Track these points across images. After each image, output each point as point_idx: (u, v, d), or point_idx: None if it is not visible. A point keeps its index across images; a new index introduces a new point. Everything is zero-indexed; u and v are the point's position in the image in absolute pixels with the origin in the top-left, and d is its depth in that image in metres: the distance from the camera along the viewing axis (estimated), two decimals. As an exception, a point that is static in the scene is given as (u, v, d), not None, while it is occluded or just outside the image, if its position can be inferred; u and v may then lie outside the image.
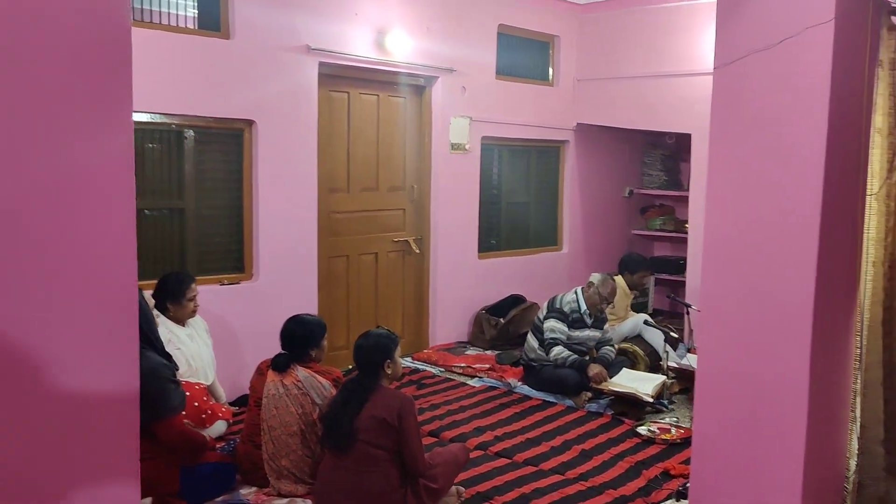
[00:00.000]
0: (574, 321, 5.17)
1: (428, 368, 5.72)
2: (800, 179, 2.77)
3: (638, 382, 4.96)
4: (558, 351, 5.06)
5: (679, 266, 7.68)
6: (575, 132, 7.30)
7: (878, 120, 3.15)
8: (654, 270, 7.57)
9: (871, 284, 3.16)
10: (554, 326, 5.11)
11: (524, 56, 6.94)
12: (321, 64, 5.24)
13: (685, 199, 7.81)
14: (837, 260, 2.92)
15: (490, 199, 6.83)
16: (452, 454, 3.49)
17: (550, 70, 7.15)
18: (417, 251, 6.14)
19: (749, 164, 2.92)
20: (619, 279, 6.12)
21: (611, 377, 5.07)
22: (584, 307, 5.18)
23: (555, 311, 5.16)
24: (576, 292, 5.24)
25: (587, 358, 5.16)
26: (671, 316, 7.53)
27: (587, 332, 5.23)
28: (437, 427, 4.46)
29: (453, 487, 3.47)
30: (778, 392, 2.89)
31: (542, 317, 5.21)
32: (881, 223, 3.36)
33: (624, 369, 5.23)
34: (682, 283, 7.16)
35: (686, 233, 7.61)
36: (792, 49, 2.79)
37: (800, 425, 2.86)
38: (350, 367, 5.33)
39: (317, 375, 3.58)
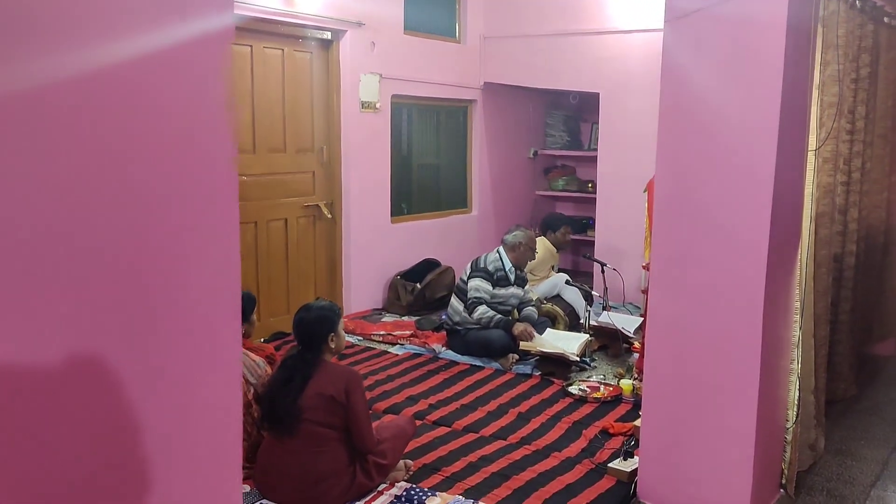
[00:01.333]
0: (498, 279, 5.13)
1: (346, 338, 5.51)
2: (754, 135, 2.77)
3: (563, 342, 4.98)
4: (482, 311, 5.01)
5: (584, 225, 7.80)
6: (482, 91, 7.20)
7: (816, 76, 3.19)
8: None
9: (810, 240, 3.24)
10: (479, 286, 5.04)
11: (432, 11, 6.74)
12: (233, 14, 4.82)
13: (587, 160, 7.92)
14: (786, 216, 2.95)
15: (401, 160, 6.68)
16: (400, 427, 3.36)
17: (457, 26, 6.98)
18: (329, 216, 5.91)
19: (701, 119, 2.89)
20: (542, 240, 6.12)
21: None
22: (508, 265, 5.14)
23: (479, 271, 5.09)
24: (498, 251, 5.19)
25: (510, 318, 5.12)
26: (575, 274, 7.64)
27: (511, 290, 5.20)
28: (368, 399, 4.28)
29: (401, 461, 3.34)
30: (732, 346, 2.92)
31: (465, 278, 5.12)
32: (820, 181, 3.45)
33: (548, 329, 5.24)
34: (590, 243, 7.26)
35: (589, 192, 7.74)
36: (747, 2, 2.76)
37: (753, 377, 2.91)
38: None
39: (249, 353, 3.33)
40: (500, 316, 5.07)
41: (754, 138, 2.76)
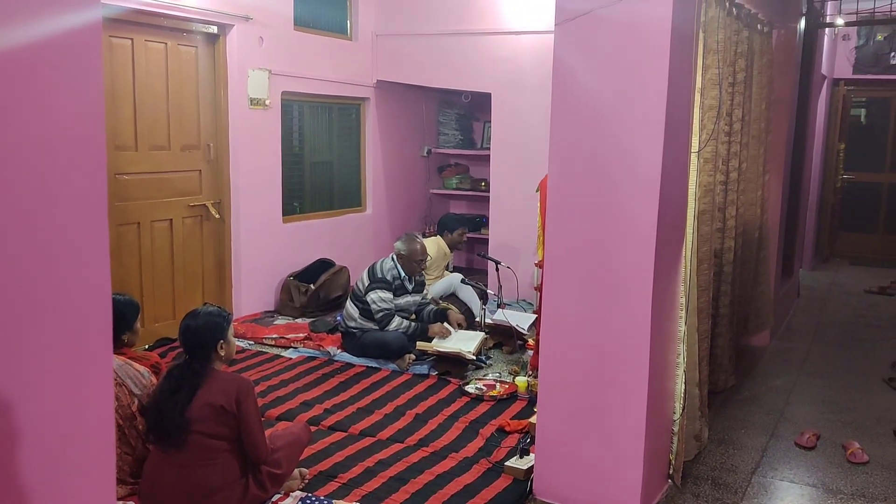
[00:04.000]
0: (397, 288, 5.08)
1: (237, 342, 5.33)
2: (643, 136, 2.84)
3: (460, 342, 4.99)
4: (398, 323, 4.97)
5: (477, 224, 7.86)
6: (375, 89, 7.14)
7: (697, 80, 3.32)
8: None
9: (692, 237, 3.36)
10: (383, 297, 4.97)
11: (322, 7, 6.62)
12: (101, 5, 4.54)
13: (479, 158, 7.99)
14: (672, 214, 3.05)
15: (292, 158, 6.54)
16: (294, 435, 3.27)
17: (349, 23, 6.88)
18: (217, 216, 5.71)
19: (591, 120, 2.94)
20: (437, 240, 6.11)
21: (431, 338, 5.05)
22: (402, 273, 5.09)
23: (378, 281, 5.02)
24: (392, 258, 5.14)
25: (420, 323, 5.12)
26: (470, 272, 7.70)
27: (408, 298, 5.17)
28: (260, 405, 4.15)
29: (296, 470, 3.24)
30: (623, 342, 2.99)
31: (362, 287, 5.05)
32: (701, 180, 3.58)
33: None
34: (484, 241, 7.33)
35: (482, 191, 7.82)
36: (635, 5, 2.82)
37: (643, 372, 2.99)
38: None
39: (132, 363, 3.15)
40: (416, 323, 5.06)
41: (643, 138, 2.83)
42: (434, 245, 5.95)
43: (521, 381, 4.50)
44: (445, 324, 5.16)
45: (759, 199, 5.03)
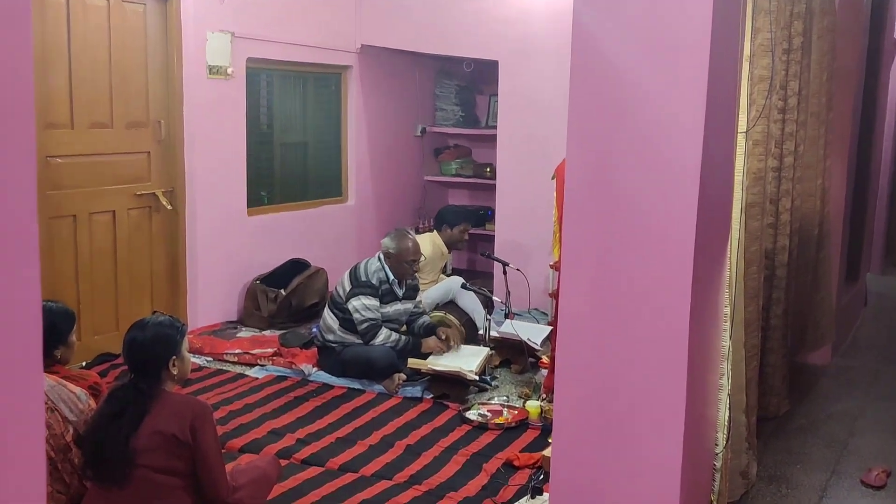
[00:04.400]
0: (384, 294, 5.08)
1: (192, 359, 5.34)
2: (679, 113, 2.84)
3: (459, 358, 5.00)
4: (385, 337, 4.98)
5: (482, 217, 7.87)
6: (359, 56, 7.15)
7: (746, 46, 3.32)
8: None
9: (740, 234, 3.37)
10: (368, 305, 4.97)
11: (296, -43, 6.62)
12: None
13: (484, 139, 8.01)
14: (714, 207, 3.05)
15: (260, 139, 6.55)
16: (260, 470, 3.29)
17: (328, -23, 6.90)
18: (169, 207, 5.72)
19: (617, 94, 2.94)
20: (433, 237, 6.11)
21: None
22: (391, 276, 5.09)
23: (362, 286, 5.02)
24: (379, 258, 5.14)
25: (409, 336, 5.13)
26: (472, 276, 7.71)
27: (398, 307, 5.18)
28: (220, 434, 4.15)
29: (263, 512, 3.24)
30: (655, 359, 2.99)
31: (342, 292, 5.06)
32: (750, 166, 3.59)
33: (440, 342, 5.25)
34: (489, 238, 7.34)
35: (487, 178, 7.83)
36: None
37: (679, 396, 2.98)
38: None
39: (66, 383, 3.15)
40: (407, 338, 5.07)
41: (679, 117, 2.82)
42: (429, 243, 5.96)
43: (533, 406, 4.51)
44: (449, 336, 5.16)
45: (819, 188, 5.04)
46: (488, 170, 7.87)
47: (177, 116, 5.73)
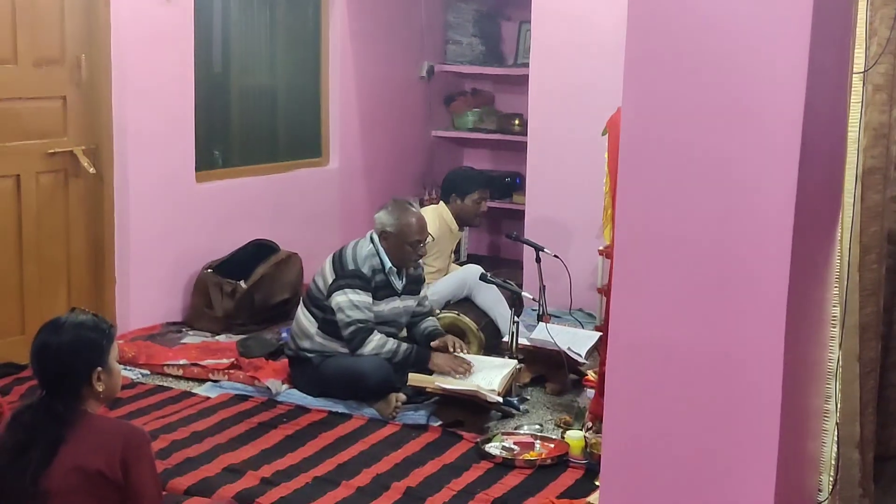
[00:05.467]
0: (379, 287, 5.07)
1: (122, 372, 5.36)
2: (773, 49, 2.82)
3: (478, 374, 4.99)
4: (378, 344, 4.98)
5: (507, 187, 7.86)
6: (345, -31, 7.16)
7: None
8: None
9: (854, 210, 3.36)
10: (356, 302, 4.97)
11: None
12: None
13: (511, 81, 8.00)
14: (820, 175, 3.04)
15: (212, 81, 6.59)
16: (212, 518, 3.30)
17: None
18: (92, 171, 5.75)
19: (691, 23, 2.92)
20: (439, 209, 6.10)
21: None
22: (388, 263, 5.09)
23: (349, 277, 5.01)
24: (372, 240, 5.13)
25: (412, 344, 5.14)
26: (494, 264, 7.71)
27: (396, 304, 5.18)
28: (161, 471, 4.18)
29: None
30: (738, 378, 2.98)
31: (322, 285, 5.08)
32: (869, 119, 3.57)
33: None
34: (518, 214, 7.33)
35: (515, 133, 7.82)
36: None
37: (771, 425, 2.97)
38: None
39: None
40: (410, 346, 5.08)
41: (773, 51, 2.80)
42: (435, 217, 5.94)
43: (576, 437, 4.50)
44: (458, 347, 5.13)
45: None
46: (517, 123, 7.86)
47: (102, 51, 5.74)
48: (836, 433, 3.32)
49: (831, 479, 3.32)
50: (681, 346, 3.04)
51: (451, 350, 5.09)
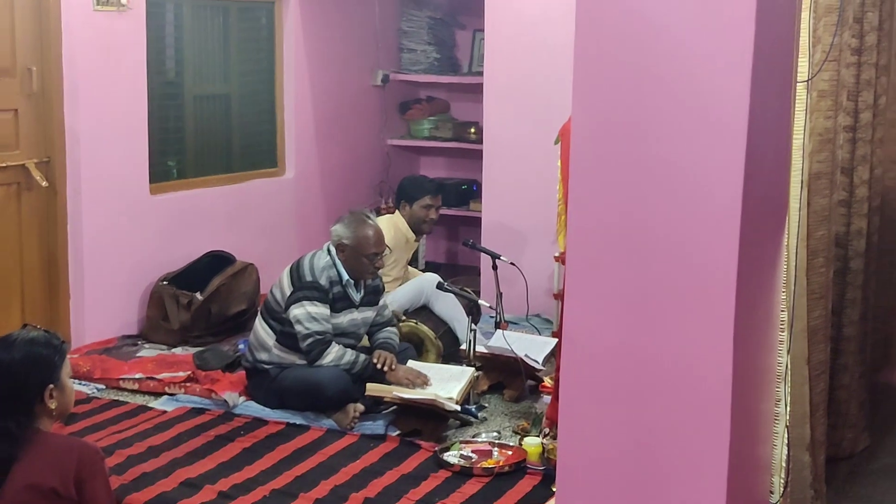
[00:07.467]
0: (336, 298, 5.08)
1: (77, 387, 5.34)
2: (717, 56, 2.87)
3: (436, 383, 5.02)
4: (337, 356, 4.98)
5: (463, 194, 7.88)
6: (299, -22, 7.17)
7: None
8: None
9: (801, 215, 3.42)
10: (314, 314, 4.97)
11: None
12: None
13: (465, 89, 8.02)
14: (766, 179, 3.09)
15: (165, 90, 6.56)
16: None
17: None
18: (45, 184, 5.72)
19: (636, 32, 2.96)
20: (394, 219, 6.11)
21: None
22: (345, 275, 5.11)
23: (307, 288, 5.01)
24: (329, 251, 5.14)
25: (369, 356, 5.12)
26: (452, 272, 7.74)
27: (354, 316, 5.18)
28: (116, 487, 4.18)
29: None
30: (688, 382, 3.03)
31: (280, 297, 5.08)
32: (815, 125, 3.63)
33: (410, 361, 5.27)
34: (474, 222, 7.35)
35: (470, 141, 7.84)
36: None
37: (721, 429, 3.02)
38: None
39: None
40: (366, 357, 5.08)
41: (718, 60, 2.85)
42: (389, 226, 5.92)
43: (533, 444, 4.54)
44: (387, 362, 5.08)
45: (908, 153, 5.09)
46: (473, 131, 7.88)
47: (53, 62, 5.71)
48: (786, 436, 3.37)
49: (782, 481, 3.37)
50: (632, 351, 3.09)
51: (378, 366, 5.04)
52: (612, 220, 3.06)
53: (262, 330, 5.14)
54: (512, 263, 5.90)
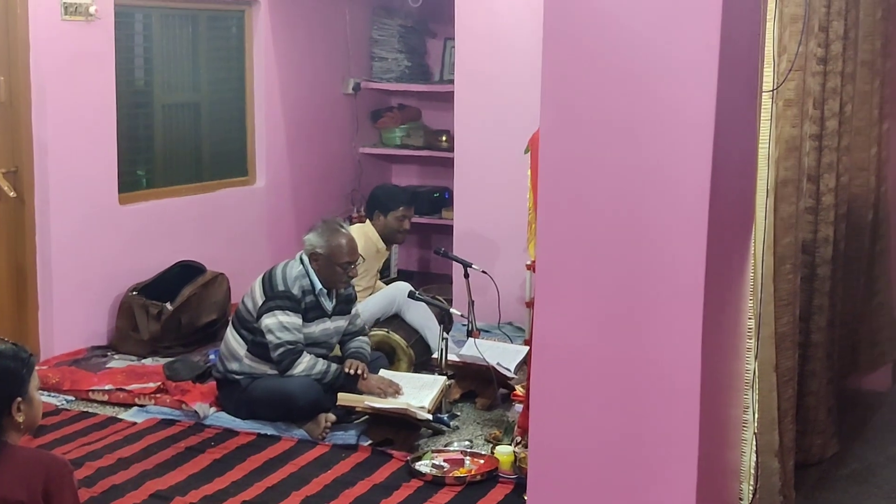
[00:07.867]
0: (309, 308, 5.07)
1: (46, 398, 5.31)
2: (682, 67, 2.89)
3: (408, 392, 5.02)
4: (308, 365, 4.97)
5: (435, 202, 7.88)
6: (268, -13, 7.16)
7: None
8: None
9: (767, 222, 3.45)
10: (286, 324, 4.97)
11: None
12: None
13: (436, 97, 8.02)
14: (732, 187, 3.11)
15: (134, 99, 6.55)
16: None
17: None
18: (12, 194, 5.72)
19: (604, 41, 2.98)
20: (365, 228, 6.11)
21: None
22: (318, 284, 5.10)
23: (279, 298, 5.01)
24: (302, 261, 5.13)
25: (341, 366, 5.12)
26: (423, 280, 7.73)
27: (326, 325, 5.18)
28: (86, 500, 4.16)
29: None
30: (658, 388, 3.04)
31: (252, 306, 5.07)
32: (781, 133, 3.66)
33: (381, 370, 5.28)
34: (446, 230, 7.36)
35: (442, 149, 7.84)
36: None
37: (690, 436, 3.04)
38: None
39: None
40: (338, 366, 5.06)
41: (684, 69, 2.87)
42: (360, 236, 5.90)
43: (505, 452, 4.55)
44: (359, 371, 5.08)
45: (873, 160, 5.12)
46: (444, 139, 7.88)
47: (21, 71, 5.71)
48: (754, 442, 3.39)
49: (751, 487, 3.39)
50: (602, 358, 3.10)
51: (350, 373, 5.04)
52: (580, 229, 3.07)
53: (233, 340, 5.13)
54: (484, 272, 5.91)
